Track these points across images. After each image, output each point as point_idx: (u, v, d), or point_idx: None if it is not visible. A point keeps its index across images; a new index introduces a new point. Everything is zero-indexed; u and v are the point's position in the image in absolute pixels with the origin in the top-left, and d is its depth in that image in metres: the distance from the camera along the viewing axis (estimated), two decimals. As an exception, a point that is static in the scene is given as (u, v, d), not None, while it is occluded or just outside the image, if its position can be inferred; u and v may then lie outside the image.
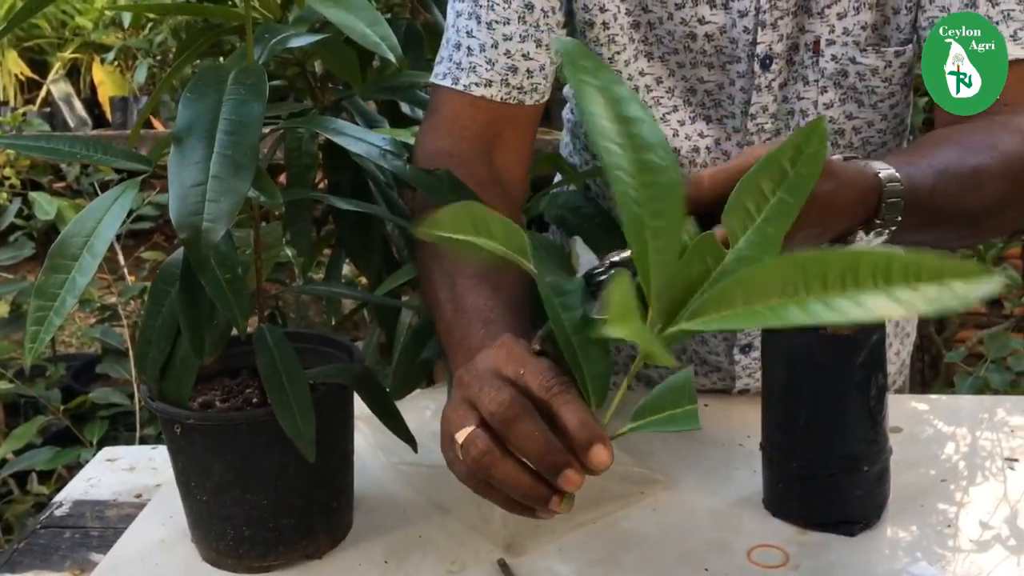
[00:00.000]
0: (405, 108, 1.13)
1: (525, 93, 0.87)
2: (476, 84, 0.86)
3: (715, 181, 0.62)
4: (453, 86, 0.87)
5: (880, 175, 0.68)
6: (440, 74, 0.88)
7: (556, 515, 0.60)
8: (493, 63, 0.86)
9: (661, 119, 0.92)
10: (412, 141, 0.94)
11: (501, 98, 0.86)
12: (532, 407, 0.57)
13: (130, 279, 2.28)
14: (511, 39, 0.85)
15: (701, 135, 0.92)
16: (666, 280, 0.53)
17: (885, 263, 0.41)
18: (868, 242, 0.69)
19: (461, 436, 0.58)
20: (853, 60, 0.87)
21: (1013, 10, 0.78)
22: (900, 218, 0.68)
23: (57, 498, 0.96)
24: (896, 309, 0.40)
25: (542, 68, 0.87)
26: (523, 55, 0.86)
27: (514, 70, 0.86)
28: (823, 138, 0.54)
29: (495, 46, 0.85)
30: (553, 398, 0.57)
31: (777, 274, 0.45)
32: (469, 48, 0.86)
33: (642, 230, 0.52)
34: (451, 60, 0.87)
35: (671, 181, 0.53)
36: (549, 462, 0.57)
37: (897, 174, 0.68)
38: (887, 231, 0.69)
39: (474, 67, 0.86)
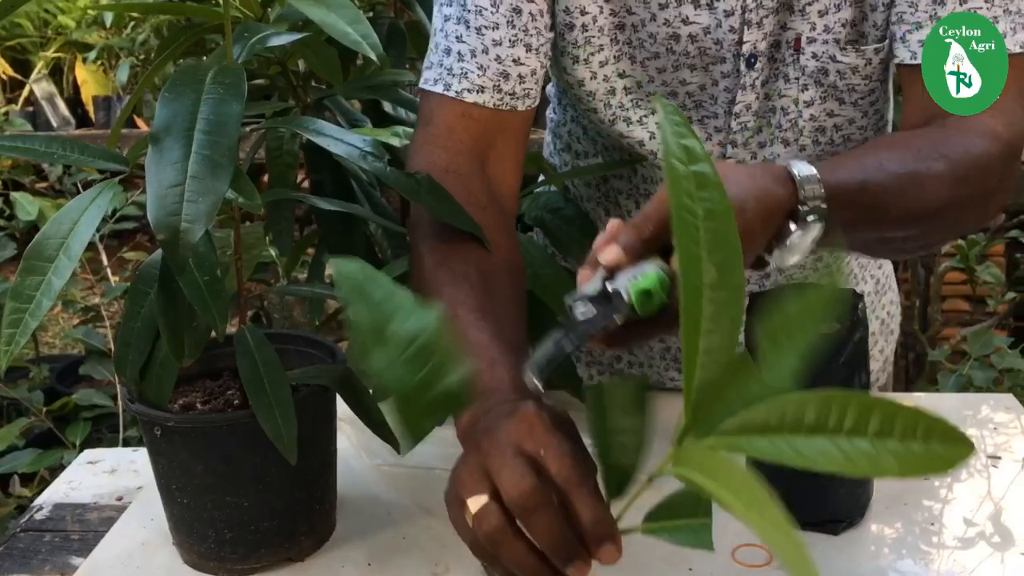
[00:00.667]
0: (388, 107, 1.13)
1: (517, 99, 0.86)
2: (468, 90, 0.85)
3: (648, 224, 0.63)
4: (445, 92, 0.85)
5: (794, 172, 0.68)
6: (431, 80, 0.87)
7: None
8: (485, 69, 0.85)
9: (638, 122, 0.91)
10: (394, 141, 0.93)
11: (494, 104, 0.85)
12: (552, 497, 0.57)
13: (113, 279, 2.26)
14: (501, 44, 0.84)
15: None
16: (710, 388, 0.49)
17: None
18: (800, 234, 0.68)
19: (474, 506, 0.58)
20: (833, 58, 0.87)
21: (980, 8, 0.78)
22: (824, 206, 0.68)
23: (37, 501, 0.95)
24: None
25: (533, 73, 0.86)
26: (513, 60, 0.85)
27: (506, 76, 0.85)
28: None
29: (485, 51, 0.84)
30: (571, 488, 0.57)
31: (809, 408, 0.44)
32: (460, 53, 0.85)
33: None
34: (442, 66, 0.86)
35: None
36: (562, 554, 0.57)
37: (816, 173, 0.68)
38: (819, 222, 0.68)
39: (466, 73, 0.85)
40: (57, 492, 0.96)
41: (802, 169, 0.68)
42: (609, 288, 0.63)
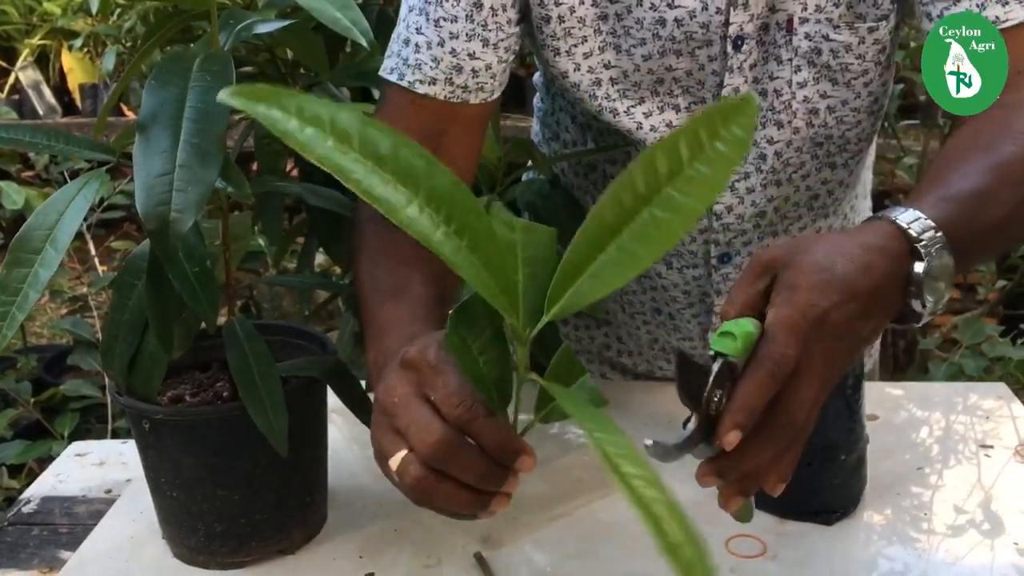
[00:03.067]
0: (377, 94, 1.12)
1: (470, 92, 0.87)
2: (420, 81, 0.86)
3: (733, 296, 0.62)
4: (399, 82, 0.87)
5: (887, 214, 0.66)
6: (388, 68, 0.88)
7: (531, 509, 0.60)
8: (438, 61, 0.85)
9: (625, 112, 0.91)
10: None
11: (445, 96, 0.86)
12: (462, 438, 0.59)
13: (101, 269, 2.25)
14: (457, 37, 0.85)
15: (669, 125, 0.91)
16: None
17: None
18: (935, 266, 0.64)
19: (395, 463, 0.60)
20: (827, 37, 0.86)
21: None
22: (940, 234, 0.65)
23: (25, 494, 0.94)
24: None
25: (488, 67, 0.87)
26: (468, 54, 0.85)
27: (459, 69, 0.86)
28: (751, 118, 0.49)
29: (441, 44, 0.85)
30: (466, 425, 0.59)
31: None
32: (417, 45, 0.86)
33: None
34: (399, 56, 0.87)
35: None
36: (488, 482, 0.59)
37: (904, 208, 0.66)
38: (944, 250, 0.65)
39: (420, 64, 0.86)
40: (45, 485, 0.96)
41: (900, 214, 0.66)
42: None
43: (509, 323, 0.54)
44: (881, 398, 1.02)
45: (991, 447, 0.93)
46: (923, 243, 0.64)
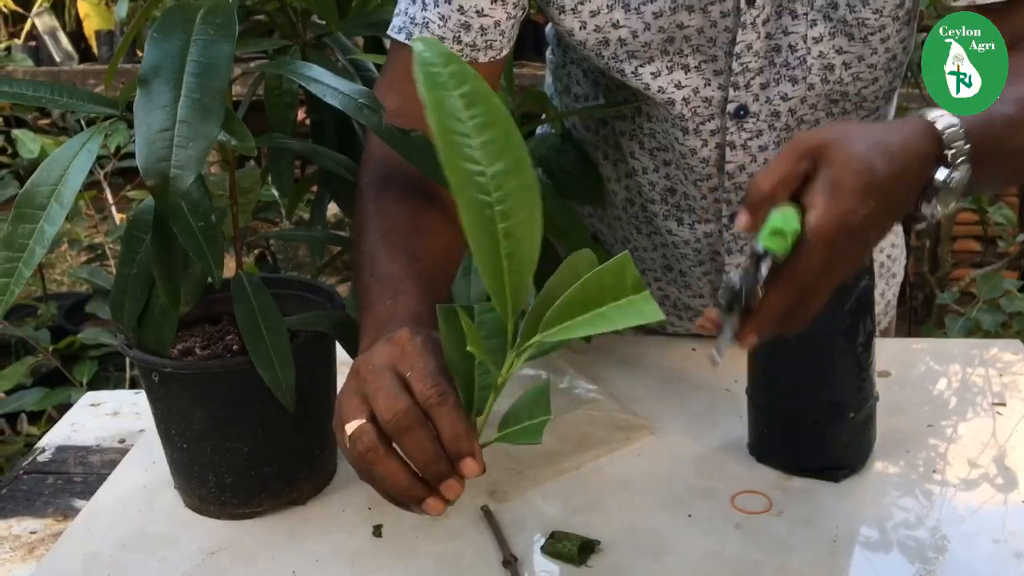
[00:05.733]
0: (388, 44, 1.10)
1: (479, 50, 0.85)
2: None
3: (769, 174, 0.63)
4: (407, 41, 0.85)
5: (924, 114, 0.67)
6: (396, 27, 0.87)
7: (537, 463, 0.61)
8: (446, 19, 0.84)
9: (633, 72, 0.89)
10: None
11: None
12: (424, 419, 0.59)
13: (118, 217, 2.26)
14: None
15: (678, 86, 0.89)
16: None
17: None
18: (952, 180, 0.66)
19: (350, 428, 0.60)
20: None
21: None
22: (968, 146, 0.66)
23: (40, 443, 0.96)
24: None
25: (497, 24, 0.85)
26: (476, 11, 0.84)
27: (467, 27, 0.84)
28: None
29: (448, 1, 0.84)
30: (431, 408, 0.59)
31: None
32: (424, 2, 0.85)
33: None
34: (406, 14, 0.86)
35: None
36: (432, 471, 0.59)
37: (940, 110, 0.67)
38: (967, 163, 0.66)
39: (427, 22, 0.84)
40: (60, 434, 0.97)
41: (929, 112, 0.67)
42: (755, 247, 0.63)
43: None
44: (895, 355, 1.01)
45: (1004, 404, 0.92)
46: (952, 152, 0.66)
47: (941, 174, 0.66)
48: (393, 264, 0.74)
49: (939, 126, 0.66)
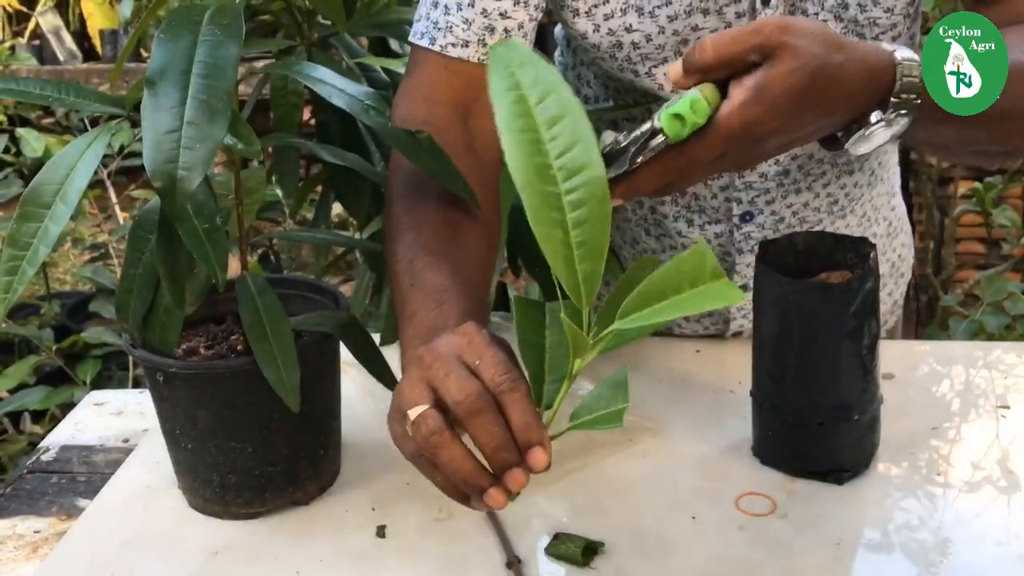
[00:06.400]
0: (395, 44, 1.11)
1: None
2: (452, 44, 0.84)
3: (718, 46, 0.63)
4: (430, 47, 0.85)
5: (895, 54, 0.67)
6: (418, 33, 0.86)
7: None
8: (470, 23, 0.83)
9: (646, 73, 0.89)
10: (404, 70, 0.91)
11: (478, 59, 0.84)
12: (493, 403, 0.58)
13: (121, 216, 2.26)
14: None
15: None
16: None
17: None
18: (885, 125, 0.67)
19: (414, 413, 0.59)
20: None
21: None
22: (918, 101, 0.67)
23: (44, 443, 0.96)
24: None
25: (520, 27, 0.85)
26: (500, 14, 0.83)
27: (491, 30, 0.84)
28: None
29: (471, 4, 0.83)
30: (502, 395, 0.58)
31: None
32: (446, 7, 0.84)
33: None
34: (428, 19, 0.85)
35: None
36: (500, 458, 0.58)
37: (916, 57, 0.67)
38: (905, 117, 0.67)
39: (451, 27, 0.84)
40: (64, 434, 0.97)
41: (905, 53, 0.67)
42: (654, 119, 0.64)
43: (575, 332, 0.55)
44: (899, 357, 1.01)
45: (1008, 408, 0.92)
46: (897, 101, 0.67)
47: (875, 117, 0.66)
48: (435, 273, 0.73)
49: (898, 73, 0.66)
